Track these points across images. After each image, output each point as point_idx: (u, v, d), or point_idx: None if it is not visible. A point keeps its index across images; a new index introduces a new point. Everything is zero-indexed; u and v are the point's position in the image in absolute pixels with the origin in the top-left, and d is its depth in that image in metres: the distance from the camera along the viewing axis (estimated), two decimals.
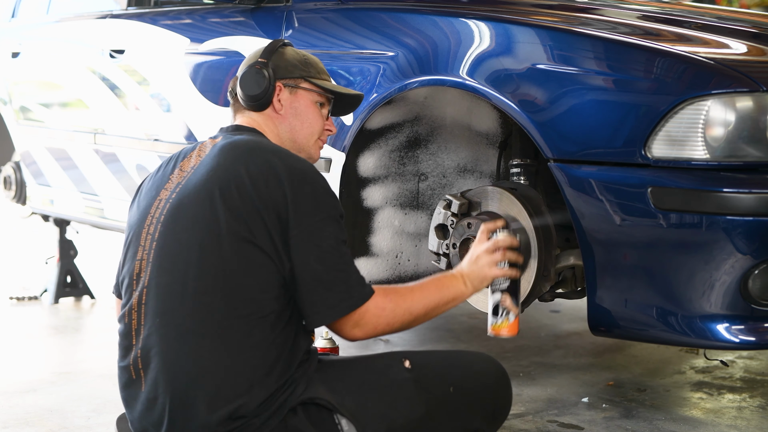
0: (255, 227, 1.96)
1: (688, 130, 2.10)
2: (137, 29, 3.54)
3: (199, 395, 1.94)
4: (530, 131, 2.31)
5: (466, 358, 2.25)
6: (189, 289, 1.97)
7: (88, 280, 4.44)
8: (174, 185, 2.08)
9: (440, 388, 2.12)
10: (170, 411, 1.96)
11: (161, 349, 1.97)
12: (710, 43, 2.41)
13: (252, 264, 1.97)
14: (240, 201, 1.97)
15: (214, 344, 1.96)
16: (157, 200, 2.09)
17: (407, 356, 2.14)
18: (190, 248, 1.99)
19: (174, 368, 1.96)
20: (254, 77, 2.18)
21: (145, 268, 2.04)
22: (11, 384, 3.08)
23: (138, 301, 2.03)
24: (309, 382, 2.03)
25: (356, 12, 2.81)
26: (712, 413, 2.80)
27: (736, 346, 2.17)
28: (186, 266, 1.98)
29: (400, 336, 3.73)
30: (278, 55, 2.22)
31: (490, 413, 2.18)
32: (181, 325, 1.97)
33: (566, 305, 4.10)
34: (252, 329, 1.97)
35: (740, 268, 2.10)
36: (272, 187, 1.97)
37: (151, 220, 2.07)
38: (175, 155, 2.17)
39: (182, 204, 2.03)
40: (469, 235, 2.44)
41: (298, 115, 2.22)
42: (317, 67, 2.26)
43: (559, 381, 3.10)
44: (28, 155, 4.29)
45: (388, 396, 2.07)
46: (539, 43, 2.37)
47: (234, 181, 1.99)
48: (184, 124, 3.29)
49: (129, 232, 2.13)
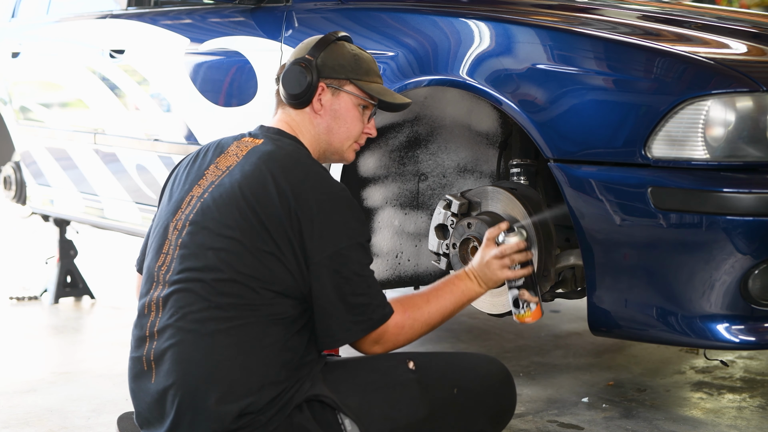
0: (281, 243, 1.98)
1: (688, 130, 2.10)
2: (137, 29, 3.54)
3: (210, 392, 1.95)
4: (530, 131, 2.31)
5: (471, 360, 2.26)
6: (209, 290, 1.98)
7: (88, 280, 4.44)
8: (208, 183, 2.08)
9: (444, 389, 2.13)
10: (179, 405, 1.96)
11: (177, 344, 1.98)
12: (710, 43, 2.41)
13: (274, 274, 1.99)
14: (269, 217, 1.98)
15: (230, 342, 1.97)
16: (189, 195, 2.09)
17: (411, 357, 2.15)
18: (215, 251, 2.00)
19: (188, 364, 1.97)
20: (297, 76, 2.15)
21: (169, 263, 2.04)
22: (11, 384, 3.08)
23: (158, 294, 2.03)
24: (314, 380, 2.04)
25: (356, 12, 2.81)
26: (712, 413, 2.80)
27: (736, 346, 2.17)
28: (209, 268, 2.00)
29: None
30: (328, 52, 2.17)
31: (494, 415, 2.19)
32: (199, 323, 1.97)
33: (566, 305, 4.10)
34: (268, 331, 1.99)
35: (740, 268, 2.10)
36: (302, 211, 1.98)
37: (180, 215, 2.07)
38: (213, 145, 2.17)
39: (213, 206, 2.03)
40: (469, 235, 2.44)
41: (337, 118, 2.19)
42: (367, 68, 2.21)
43: (559, 381, 3.10)
44: (28, 155, 4.29)
45: (392, 397, 2.08)
46: (539, 43, 2.37)
47: (266, 196, 2.00)
48: (184, 124, 3.29)
49: (158, 220, 2.13)
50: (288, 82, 2.16)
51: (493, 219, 2.42)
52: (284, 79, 2.17)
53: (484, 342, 3.61)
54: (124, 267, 5.26)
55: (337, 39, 2.20)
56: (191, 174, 2.14)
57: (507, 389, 2.22)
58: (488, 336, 3.70)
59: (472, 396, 2.16)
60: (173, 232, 2.07)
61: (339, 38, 2.21)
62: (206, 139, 3.19)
